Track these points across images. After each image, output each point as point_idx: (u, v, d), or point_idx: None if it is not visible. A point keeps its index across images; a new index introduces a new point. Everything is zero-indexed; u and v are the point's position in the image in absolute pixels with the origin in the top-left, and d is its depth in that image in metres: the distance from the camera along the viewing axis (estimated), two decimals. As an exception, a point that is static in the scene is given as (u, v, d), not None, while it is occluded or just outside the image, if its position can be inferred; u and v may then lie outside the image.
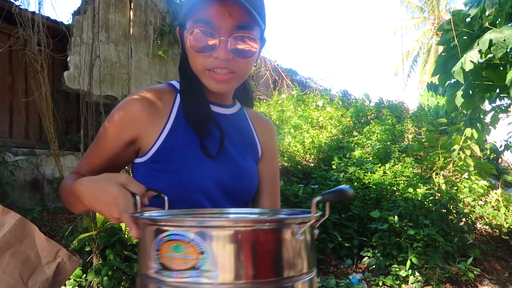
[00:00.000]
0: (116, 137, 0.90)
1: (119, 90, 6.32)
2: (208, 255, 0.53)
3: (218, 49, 0.84)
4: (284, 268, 0.56)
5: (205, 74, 0.88)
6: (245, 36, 0.85)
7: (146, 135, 0.89)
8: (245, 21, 0.83)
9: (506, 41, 2.97)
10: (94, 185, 0.75)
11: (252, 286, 0.53)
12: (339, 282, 3.79)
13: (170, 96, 0.94)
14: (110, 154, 0.91)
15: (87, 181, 0.77)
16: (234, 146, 0.96)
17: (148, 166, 0.90)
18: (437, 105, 9.57)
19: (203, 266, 0.53)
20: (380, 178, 5.45)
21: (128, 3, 6.54)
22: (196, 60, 0.87)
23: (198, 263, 0.53)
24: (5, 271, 0.72)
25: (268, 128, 1.11)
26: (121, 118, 0.90)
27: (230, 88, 0.93)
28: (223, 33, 0.83)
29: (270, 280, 0.55)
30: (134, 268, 3.04)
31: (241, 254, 0.53)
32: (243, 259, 0.53)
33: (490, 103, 4.18)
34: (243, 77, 0.91)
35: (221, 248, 0.53)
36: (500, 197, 6.04)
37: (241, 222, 0.56)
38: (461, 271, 4.06)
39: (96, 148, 0.93)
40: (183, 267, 0.53)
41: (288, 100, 8.48)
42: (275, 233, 0.56)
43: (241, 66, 0.87)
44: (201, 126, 0.90)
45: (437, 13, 20.62)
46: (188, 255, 0.53)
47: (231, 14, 0.82)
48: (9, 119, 5.75)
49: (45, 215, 4.72)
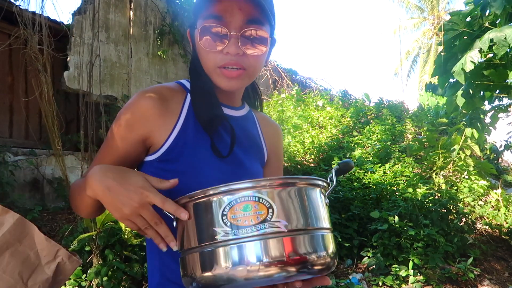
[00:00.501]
0: (127, 136, 0.88)
1: (119, 90, 6.32)
2: (275, 208, 0.65)
3: (228, 45, 0.83)
4: (323, 219, 0.71)
5: (216, 71, 0.86)
6: (256, 31, 0.84)
7: (157, 133, 0.88)
8: (256, 16, 0.83)
9: (508, 39, 2.96)
10: (115, 171, 0.74)
11: (311, 232, 0.67)
12: (339, 282, 3.79)
13: (181, 94, 0.93)
14: (122, 154, 0.89)
15: (105, 166, 0.77)
16: (242, 148, 0.96)
17: (155, 165, 0.89)
18: (437, 105, 9.57)
19: (273, 218, 0.64)
20: (380, 178, 5.45)
21: (128, 3, 6.54)
22: (207, 57, 0.86)
23: (267, 216, 0.64)
24: (4, 271, 0.72)
25: (275, 132, 1.10)
26: (132, 115, 0.87)
27: (241, 86, 0.91)
28: (233, 28, 0.82)
29: (319, 227, 0.69)
30: (134, 268, 3.04)
31: (300, 205, 0.67)
32: (301, 208, 0.67)
33: (490, 103, 4.18)
34: (253, 75, 0.90)
35: (285, 201, 0.66)
36: (500, 197, 6.04)
37: (296, 179, 0.69)
38: (461, 271, 4.06)
39: (107, 149, 0.91)
40: (256, 222, 0.64)
41: (288, 100, 8.47)
42: (316, 189, 0.72)
43: (251, 62, 0.86)
44: (212, 126, 0.88)
45: (437, 13, 20.62)
46: (258, 211, 0.64)
47: (241, 9, 0.82)
48: (9, 119, 5.75)
49: (45, 215, 4.72)
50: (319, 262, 0.67)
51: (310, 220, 0.67)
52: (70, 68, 5.58)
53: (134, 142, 0.88)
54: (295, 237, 0.65)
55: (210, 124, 0.88)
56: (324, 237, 0.69)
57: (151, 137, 0.88)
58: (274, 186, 0.66)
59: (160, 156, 0.88)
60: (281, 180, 0.67)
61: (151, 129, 0.87)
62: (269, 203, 0.64)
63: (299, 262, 0.64)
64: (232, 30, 0.82)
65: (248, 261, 0.63)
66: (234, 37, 0.82)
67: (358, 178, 5.42)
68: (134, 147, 0.88)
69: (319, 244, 0.68)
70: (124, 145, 0.88)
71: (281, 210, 0.65)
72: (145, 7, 6.80)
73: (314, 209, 0.69)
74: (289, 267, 0.63)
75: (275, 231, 0.64)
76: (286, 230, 0.64)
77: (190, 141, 0.88)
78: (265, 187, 0.65)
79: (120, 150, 0.88)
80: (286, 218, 0.65)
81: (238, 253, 0.63)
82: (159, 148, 0.87)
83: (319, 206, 0.71)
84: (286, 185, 0.67)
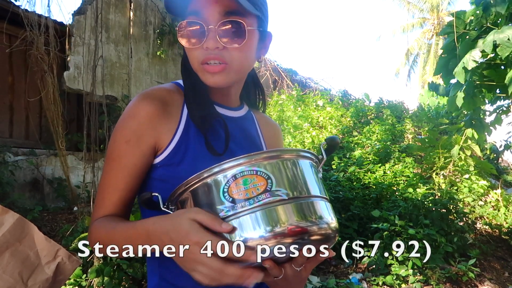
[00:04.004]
0: (138, 150, 0.83)
1: (119, 90, 6.32)
2: (273, 178, 0.66)
3: (207, 39, 0.81)
4: (320, 188, 0.73)
5: (200, 68, 0.84)
6: (234, 22, 0.81)
7: (161, 137, 0.85)
8: (234, 7, 0.80)
9: (511, 40, 2.96)
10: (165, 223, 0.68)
11: (310, 199, 0.69)
12: (339, 282, 3.78)
13: (179, 96, 0.90)
14: (138, 171, 0.84)
15: (155, 219, 0.70)
16: (241, 149, 0.93)
17: (160, 170, 0.86)
18: (437, 105, 9.57)
19: (273, 188, 0.65)
20: (380, 178, 5.45)
21: (128, 3, 6.54)
22: (191, 55, 0.85)
23: (267, 186, 0.65)
24: (4, 271, 0.71)
25: (275, 132, 1.09)
26: (139, 126, 0.83)
27: (227, 81, 0.86)
28: (211, 22, 0.81)
29: (317, 195, 0.70)
30: (135, 268, 3.04)
31: (296, 174, 0.69)
32: (298, 177, 0.69)
33: (490, 103, 4.18)
34: (239, 70, 0.87)
35: (282, 172, 0.68)
36: (500, 197, 6.04)
37: (285, 152, 0.72)
38: (461, 271, 4.06)
39: (119, 171, 0.84)
40: (257, 193, 0.65)
41: (288, 100, 8.47)
42: (308, 160, 0.74)
43: (234, 56, 0.83)
44: (205, 123, 0.86)
45: (437, 13, 20.62)
46: (257, 183, 0.65)
47: (217, 1, 0.80)
48: (9, 119, 5.74)
49: (45, 215, 4.72)
50: (325, 227, 0.68)
51: (308, 188, 0.70)
52: (70, 68, 5.58)
53: (147, 154, 0.84)
54: (298, 204, 0.66)
55: (203, 122, 0.86)
56: (326, 204, 0.72)
57: (158, 142, 0.85)
58: (268, 158, 0.68)
59: (163, 160, 0.85)
60: (274, 153, 0.69)
61: (158, 135, 0.85)
62: (266, 174, 0.66)
63: (306, 228, 0.66)
64: (210, 24, 0.80)
65: (260, 229, 0.64)
66: (212, 31, 0.80)
67: (358, 178, 5.42)
68: (148, 158, 0.85)
69: (323, 209, 0.70)
70: (139, 160, 0.84)
71: (280, 180, 0.67)
72: (145, 7, 6.80)
73: (310, 179, 0.72)
74: (298, 234, 0.65)
75: (278, 199, 0.65)
76: (287, 198, 0.66)
77: (191, 144, 0.86)
78: (259, 160, 0.67)
79: (136, 167, 0.84)
80: (285, 187, 0.66)
81: (247, 224, 0.64)
82: (162, 153, 0.85)
83: (313, 177, 0.73)
84: (278, 157, 0.69)
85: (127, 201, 0.86)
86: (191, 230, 0.64)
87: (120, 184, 0.83)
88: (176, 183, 0.83)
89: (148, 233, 0.70)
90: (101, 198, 0.85)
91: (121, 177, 0.83)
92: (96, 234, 0.81)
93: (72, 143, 5.85)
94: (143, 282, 3.12)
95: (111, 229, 0.78)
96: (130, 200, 0.86)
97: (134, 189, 0.86)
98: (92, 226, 0.83)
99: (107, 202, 0.84)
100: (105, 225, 0.80)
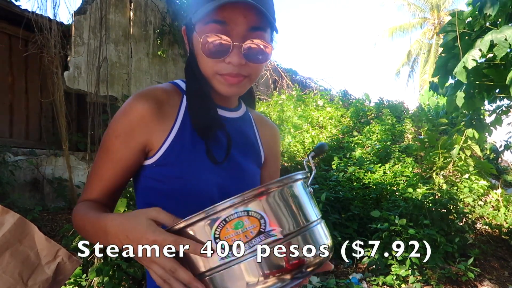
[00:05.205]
0: (128, 145, 0.84)
1: (119, 90, 6.32)
2: (266, 218, 0.63)
3: (231, 54, 0.80)
4: (312, 211, 0.70)
5: (216, 77, 0.84)
6: (259, 39, 0.81)
7: (155, 137, 0.85)
8: (258, 23, 0.80)
9: (508, 40, 2.96)
10: (123, 221, 0.70)
11: (304, 230, 0.66)
12: (339, 282, 3.78)
13: (177, 97, 0.90)
14: (123, 165, 0.86)
15: (115, 217, 0.72)
16: (238, 151, 0.94)
17: (153, 170, 0.86)
18: (437, 105, 9.57)
19: (267, 228, 0.62)
20: (380, 178, 5.45)
21: (128, 3, 6.54)
22: (207, 63, 0.83)
23: (261, 227, 0.62)
24: (4, 271, 0.72)
25: (272, 133, 1.09)
26: (130, 123, 0.84)
27: (241, 92, 0.88)
28: (236, 37, 0.80)
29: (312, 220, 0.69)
30: (135, 267, 3.04)
31: (286, 207, 0.66)
32: (290, 210, 0.66)
33: (490, 103, 4.18)
34: (254, 80, 0.88)
35: (273, 208, 0.64)
36: (500, 197, 6.04)
37: (272, 184, 0.66)
38: (461, 271, 4.06)
39: (106, 162, 0.87)
40: (251, 236, 0.62)
41: (288, 100, 8.47)
42: (298, 183, 0.71)
43: (253, 70, 0.84)
44: (208, 132, 0.86)
45: (437, 13, 20.62)
46: (250, 226, 0.62)
47: (245, 16, 0.79)
48: (9, 119, 5.74)
49: (45, 215, 4.72)
50: (319, 257, 0.67)
51: (303, 217, 0.68)
52: (70, 68, 5.58)
53: (135, 150, 0.85)
54: (292, 240, 0.64)
55: (206, 130, 0.86)
56: (321, 226, 0.71)
57: (150, 142, 0.85)
58: (258, 195, 0.64)
59: (157, 160, 0.85)
60: (263, 188, 0.65)
61: (150, 134, 0.85)
62: (259, 214, 0.63)
63: (300, 264, 0.64)
64: (235, 39, 0.80)
65: (254, 275, 0.62)
66: (237, 47, 0.80)
67: (358, 178, 5.42)
68: (136, 155, 0.86)
69: (319, 234, 0.69)
70: (126, 155, 0.85)
71: (273, 218, 0.64)
72: (145, 7, 6.80)
73: (304, 203, 0.70)
74: (297, 270, 0.64)
75: (273, 240, 0.63)
76: (283, 236, 0.63)
77: (187, 145, 0.86)
78: (250, 199, 0.63)
79: (122, 161, 0.85)
80: (279, 224, 0.64)
81: (243, 271, 0.62)
82: (156, 152, 0.85)
83: (306, 198, 0.71)
84: (269, 192, 0.65)
85: (111, 191, 0.88)
86: (148, 229, 0.66)
87: (105, 174, 0.87)
88: (171, 183, 0.83)
89: (106, 229, 0.73)
90: (88, 184, 0.90)
91: (107, 169, 0.87)
92: (75, 215, 0.86)
93: (72, 143, 5.85)
94: (143, 282, 3.11)
95: (84, 215, 0.83)
96: (114, 190, 0.89)
97: (119, 181, 0.88)
98: (75, 207, 0.89)
99: (91, 188, 0.88)
100: (83, 209, 0.85)
